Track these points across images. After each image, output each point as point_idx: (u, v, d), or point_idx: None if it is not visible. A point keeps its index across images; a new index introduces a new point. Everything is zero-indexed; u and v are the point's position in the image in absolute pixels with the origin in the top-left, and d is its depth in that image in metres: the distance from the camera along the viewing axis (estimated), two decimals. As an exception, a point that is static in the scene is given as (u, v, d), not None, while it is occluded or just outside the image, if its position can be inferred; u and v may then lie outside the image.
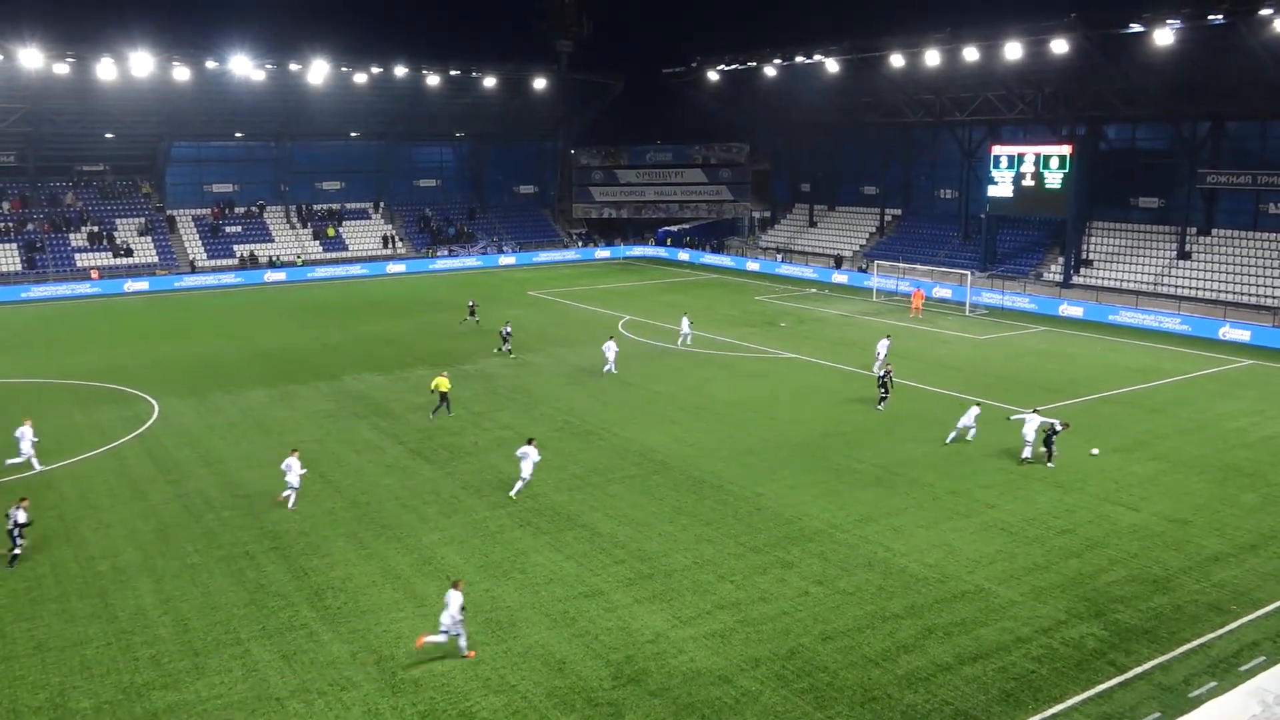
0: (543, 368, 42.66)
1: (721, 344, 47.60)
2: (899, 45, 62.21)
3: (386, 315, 56.89)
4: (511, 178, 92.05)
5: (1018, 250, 66.63)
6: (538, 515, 25.56)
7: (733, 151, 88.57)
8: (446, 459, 30.17)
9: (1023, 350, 47.20)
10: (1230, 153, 57.86)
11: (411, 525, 24.97)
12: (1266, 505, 26.23)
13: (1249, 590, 21.18)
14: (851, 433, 32.83)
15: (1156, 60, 52.94)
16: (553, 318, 55.74)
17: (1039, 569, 22.27)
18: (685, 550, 23.29)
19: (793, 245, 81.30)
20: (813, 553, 23.13)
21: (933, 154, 74.85)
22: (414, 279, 74.22)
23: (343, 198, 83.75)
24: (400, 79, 73.91)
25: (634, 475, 28.60)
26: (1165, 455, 30.39)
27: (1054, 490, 27.32)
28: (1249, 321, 50.00)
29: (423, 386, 39.00)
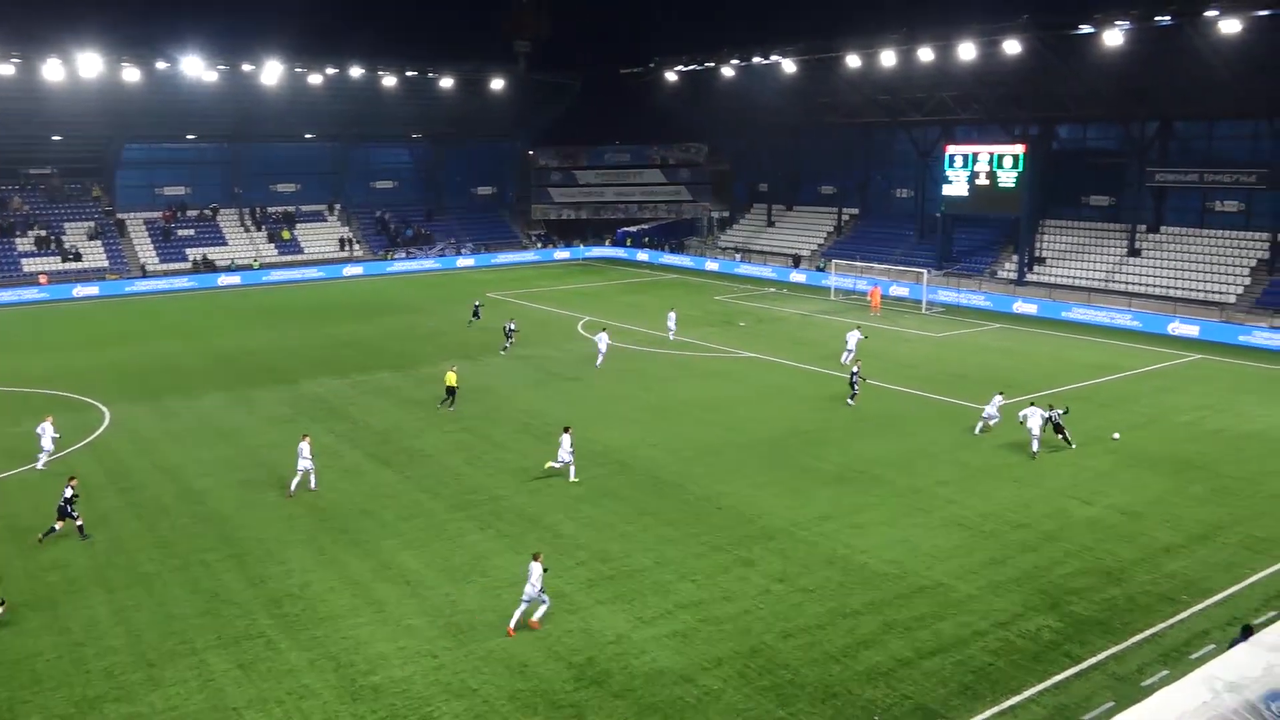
0: (504, 369, 42.48)
1: (682, 344, 47.69)
2: (855, 46, 62.76)
3: (344, 318, 56.35)
4: (470, 179, 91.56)
5: (973, 249, 67.46)
6: (498, 518, 25.46)
7: (691, 152, 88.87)
8: (405, 463, 29.95)
9: (979, 347, 47.80)
10: (1178, 152, 59.03)
11: (370, 530, 24.76)
12: (1216, 497, 26.78)
13: (1199, 580, 21.61)
14: (812, 431, 33.04)
15: (1106, 61, 53.86)
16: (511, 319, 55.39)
17: (996, 563, 22.57)
18: (647, 551, 23.32)
19: (751, 245, 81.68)
20: (774, 551, 23.25)
21: (889, 154, 75.56)
22: (371, 281, 73.59)
23: (298, 200, 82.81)
24: (356, 80, 73.25)
25: (595, 476, 28.56)
26: (1119, 450, 30.91)
27: (1011, 486, 27.70)
28: (1197, 317, 51.03)
29: (381, 390, 38.79)
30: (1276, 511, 25.65)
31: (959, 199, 64.38)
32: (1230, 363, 43.73)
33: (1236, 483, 27.86)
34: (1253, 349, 46.29)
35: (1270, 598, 20.75)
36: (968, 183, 63.38)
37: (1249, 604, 20.40)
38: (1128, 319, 52.46)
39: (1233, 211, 57.02)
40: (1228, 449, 31.01)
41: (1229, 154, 56.50)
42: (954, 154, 64.11)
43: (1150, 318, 51.86)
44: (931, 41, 58.20)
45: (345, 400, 37.46)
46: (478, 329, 51.07)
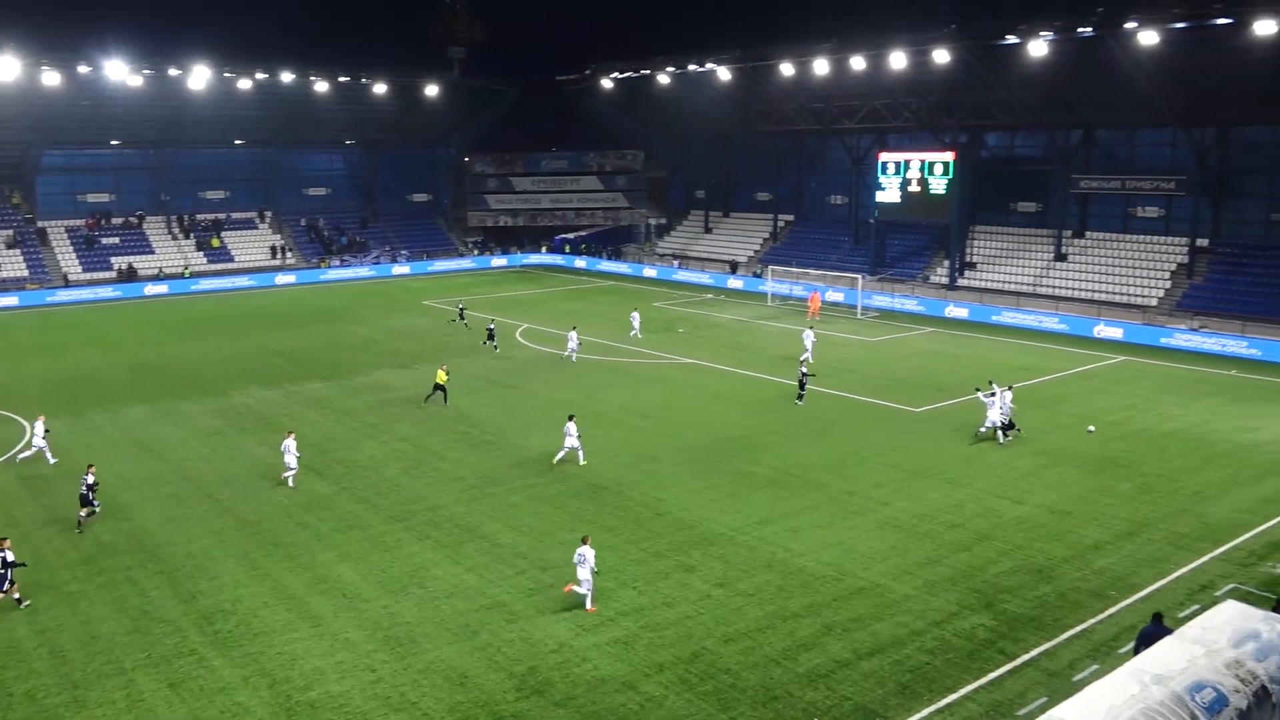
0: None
1: (619, 350, 47.71)
2: (788, 54, 63.49)
3: (276, 328, 55.37)
4: (405, 186, 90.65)
5: (906, 254, 68.62)
6: (436, 528, 25.18)
7: (628, 159, 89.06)
8: (341, 474, 29.50)
9: (912, 351, 48.59)
10: (1101, 159, 60.74)
11: (305, 543, 24.31)
12: (1141, 494, 27.55)
13: (1126, 576, 22.20)
14: (749, 436, 33.27)
15: (1032, 71, 55.24)
16: (448, 327, 55.04)
17: (931, 563, 22.93)
18: (587, 558, 23.23)
19: (689, 251, 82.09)
20: (714, 556, 23.34)
21: (823, 161, 76.56)
22: (305, 290, 72.44)
23: (228, 207, 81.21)
24: (287, 85, 72.08)
25: (534, 484, 28.42)
26: (1047, 450, 31.65)
27: (944, 487, 28.18)
28: (1121, 320, 52.50)
29: (315, 400, 38.24)
30: (1197, 508, 26.47)
31: (892, 205, 65.48)
32: (1153, 364, 45.06)
33: (1159, 480, 28.70)
34: (1174, 350, 47.77)
35: (1193, 591, 21.39)
36: (900, 189, 64.51)
37: (1173, 598, 21.00)
38: (1055, 322, 53.78)
39: (1153, 217, 58.84)
40: (1151, 448, 31.93)
41: (1149, 161, 58.28)
42: (886, 161, 65.21)
43: (1077, 321, 53.23)
44: (862, 51, 59.17)
45: (277, 411, 36.78)
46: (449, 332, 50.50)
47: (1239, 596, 20.18)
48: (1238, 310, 50.75)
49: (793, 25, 73.64)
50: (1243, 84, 50.22)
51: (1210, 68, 50.53)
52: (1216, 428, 34.30)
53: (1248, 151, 54.81)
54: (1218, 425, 34.61)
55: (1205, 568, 22.69)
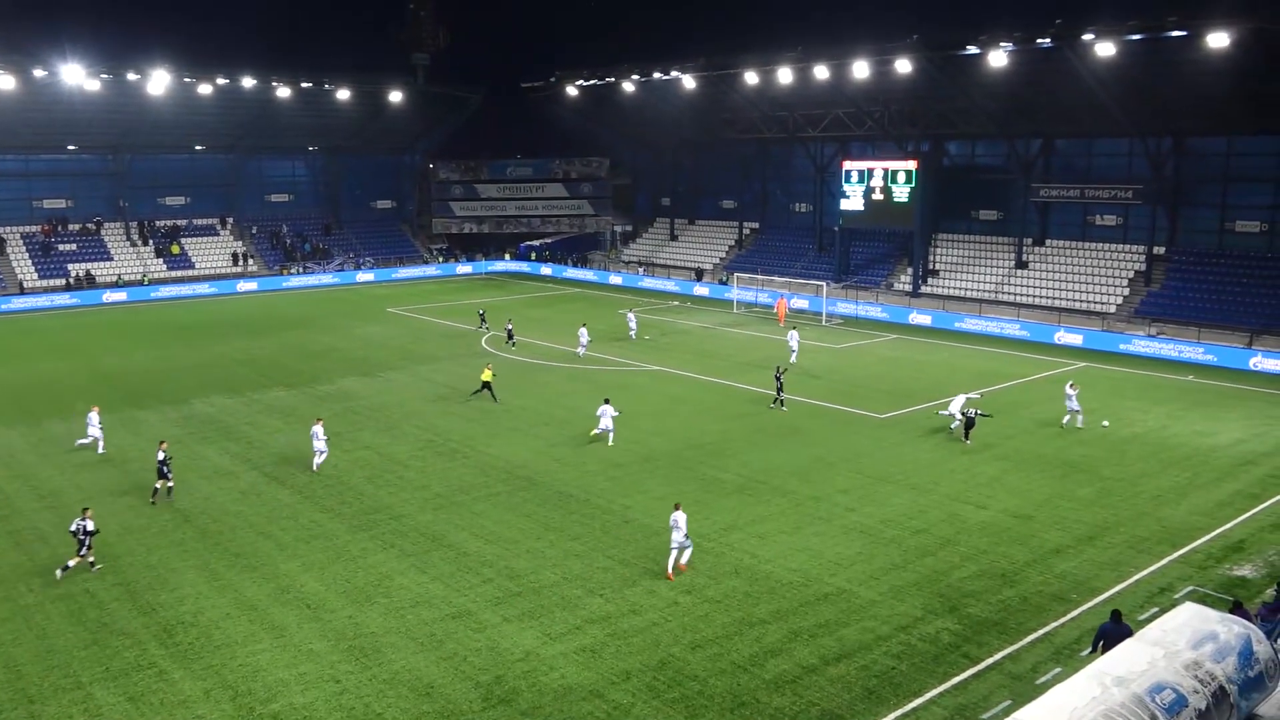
0: (404, 386, 41.81)
1: (585, 357, 47.66)
2: (753, 63, 63.85)
3: (238, 335, 54.76)
4: (368, 192, 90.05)
5: (870, 261, 69.19)
6: (401, 537, 25.00)
7: (593, 166, 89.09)
8: (304, 483, 29.19)
9: (877, 358, 48.98)
10: (1060, 168, 61.65)
11: (268, 553, 24.03)
12: (1101, 499, 27.94)
13: (1087, 580, 22.49)
14: (716, 443, 33.35)
15: (992, 81, 56.00)
16: (413, 334, 54.77)
17: (896, 568, 23.10)
18: (554, 566, 23.18)
19: (655, 259, 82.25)
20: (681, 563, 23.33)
21: (787, 169, 77.04)
22: (267, 297, 71.71)
23: (188, 213, 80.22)
24: (249, 90, 71.38)
25: (500, 492, 28.32)
26: (1009, 455, 32.02)
27: (908, 492, 28.41)
28: (1081, 326, 53.26)
29: (277, 408, 37.88)
30: (1156, 511, 26.89)
31: (855, 213, 66.01)
32: (1112, 370, 45.74)
33: (1119, 484, 29.12)
34: (1132, 356, 48.52)
35: (1153, 594, 21.71)
36: (863, 197, 65.06)
37: (1134, 600, 21.30)
38: (1016, 329, 54.44)
39: (1111, 225, 59.76)
40: (1111, 452, 32.39)
41: (1107, 171, 59.23)
42: (850, 169, 65.75)
43: (1037, 327, 53.91)
44: (826, 60, 59.61)
45: (239, 419, 36.36)
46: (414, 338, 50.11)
47: (1197, 599, 20.54)
48: (1193, 317, 51.69)
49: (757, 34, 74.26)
50: (1196, 95, 51.24)
51: (1165, 79, 51.50)
52: (1175, 432, 34.88)
53: (1201, 161, 55.84)
54: (1176, 430, 35.20)
55: (1164, 570, 23.05)
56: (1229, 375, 44.76)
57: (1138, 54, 49.44)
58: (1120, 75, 51.46)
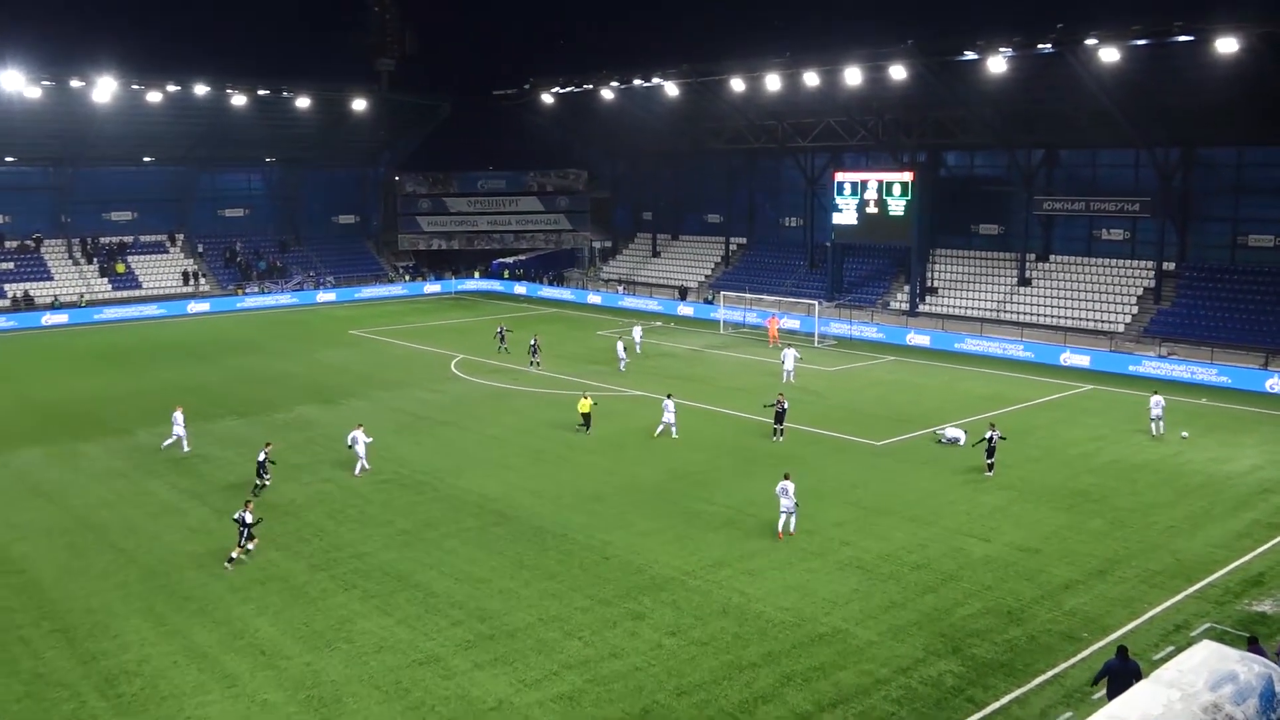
0: (367, 414, 41.52)
1: (562, 382, 47.59)
2: (739, 69, 64.27)
3: (188, 360, 54.40)
4: (330, 207, 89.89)
5: (864, 278, 69.54)
6: (364, 577, 24.77)
7: (570, 178, 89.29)
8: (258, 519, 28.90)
9: (872, 381, 49.12)
10: (1064, 180, 62.23)
11: (219, 595, 23.76)
12: (1112, 530, 28.02)
13: (1098, 617, 22.50)
14: (701, 473, 33.29)
15: (991, 88, 56.56)
16: (378, 359, 54.58)
17: (895, 606, 23.05)
18: (528, 607, 23.02)
19: (636, 276, 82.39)
20: (665, 602, 23.23)
21: (777, 181, 77.48)
22: (220, 319, 71.33)
23: (135, 229, 79.84)
24: (201, 98, 71.20)
25: (470, 528, 28.15)
26: (1014, 484, 32.10)
27: (908, 525, 28.41)
28: (1088, 347, 53.63)
29: (230, 439, 37.58)
30: (1170, 544, 26.98)
31: (849, 228, 66.35)
32: (1121, 393, 45.98)
33: (1131, 515, 29.22)
34: (1142, 378, 48.81)
35: (1168, 632, 21.74)
36: (857, 211, 65.41)
37: (1148, 639, 21.32)
38: (1020, 350, 54.75)
39: (1119, 240, 60.31)
40: (1121, 480, 32.53)
41: (1113, 182, 59.82)
42: (843, 181, 66.13)
43: (1042, 348, 54.24)
44: (816, 66, 60.06)
45: (189, 451, 36.02)
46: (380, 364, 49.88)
47: (1215, 636, 20.55)
48: (1206, 336, 52.14)
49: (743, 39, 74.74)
50: (1205, 103, 51.86)
51: (1173, 86, 52.16)
52: (1189, 459, 35.08)
53: (1212, 172, 56.51)
54: (1190, 456, 35.40)
55: (1180, 606, 23.10)
56: (1244, 398, 45.11)
57: (1143, 60, 50.06)
58: (1125, 82, 52.09)
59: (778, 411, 37.27)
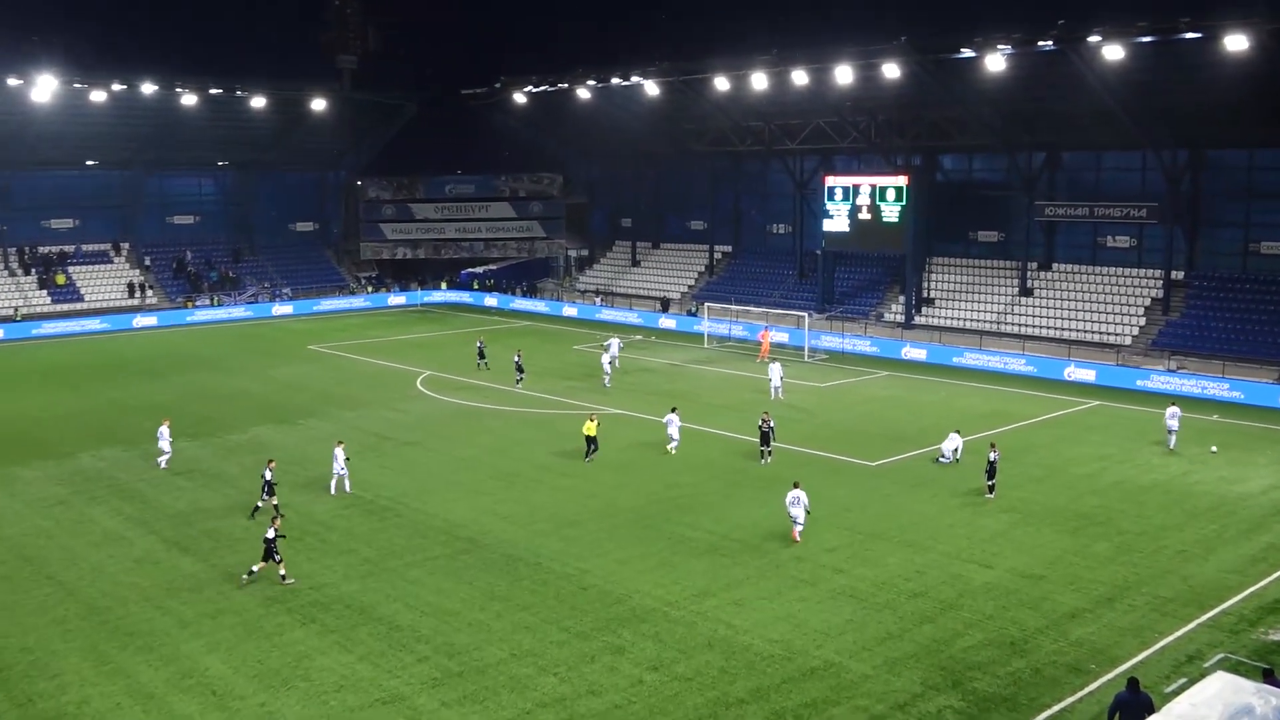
0: (327, 434, 41.33)
1: (536, 400, 47.51)
2: (723, 67, 64.57)
3: (134, 378, 54.10)
4: (287, 213, 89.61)
5: (857, 289, 69.85)
6: (323, 610, 24.61)
7: (544, 183, 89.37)
8: (210, 549, 28.72)
9: (866, 397, 49.29)
10: (1066, 184, 62.77)
11: (166, 631, 23.55)
12: (1119, 555, 28.16)
13: (1107, 648, 22.59)
14: (684, 497, 33.28)
15: (990, 87, 57.03)
16: (338, 375, 54.38)
17: (892, 638, 23.07)
18: (500, 641, 22.92)
19: (614, 287, 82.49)
20: (646, 635, 23.18)
21: (764, 186, 77.82)
22: (168, 334, 70.93)
23: (77, 238, 79.32)
24: (149, 98, 70.92)
25: (438, 556, 28.03)
26: (1016, 506, 32.23)
27: (903, 550, 28.47)
28: (1093, 360, 54.00)
29: (180, 462, 37.24)
30: (1181, 569, 27.14)
31: (840, 235, 66.67)
32: (1128, 409, 46.31)
33: (1139, 539, 29.39)
34: (1150, 394, 49.16)
35: (1180, 663, 21.84)
36: (849, 217, 65.73)
37: (1159, 670, 21.41)
38: (1022, 363, 55.08)
39: (1125, 247, 60.87)
40: (1128, 502, 32.72)
41: (1119, 186, 60.34)
42: (834, 186, 66.46)
43: (1045, 362, 54.59)
44: (804, 64, 60.38)
45: (134, 476, 35.80)
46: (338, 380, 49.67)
47: (1229, 667, 20.66)
48: (1217, 349, 52.61)
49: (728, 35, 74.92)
50: (1214, 103, 52.50)
51: (1180, 86, 52.78)
52: (1199, 479, 35.33)
53: (1222, 176, 57.13)
54: (1200, 476, 35.65)
55: (1192, 635, 23.22)
56: (1258, 414, 45.51)
57: (1149, 58, 50.59)
58: (1130, 81, 52.63)
59: (763, 432, 37.24)
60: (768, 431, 37.10)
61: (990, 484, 32.94)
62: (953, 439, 36.99)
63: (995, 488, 32.97)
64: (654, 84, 69.23)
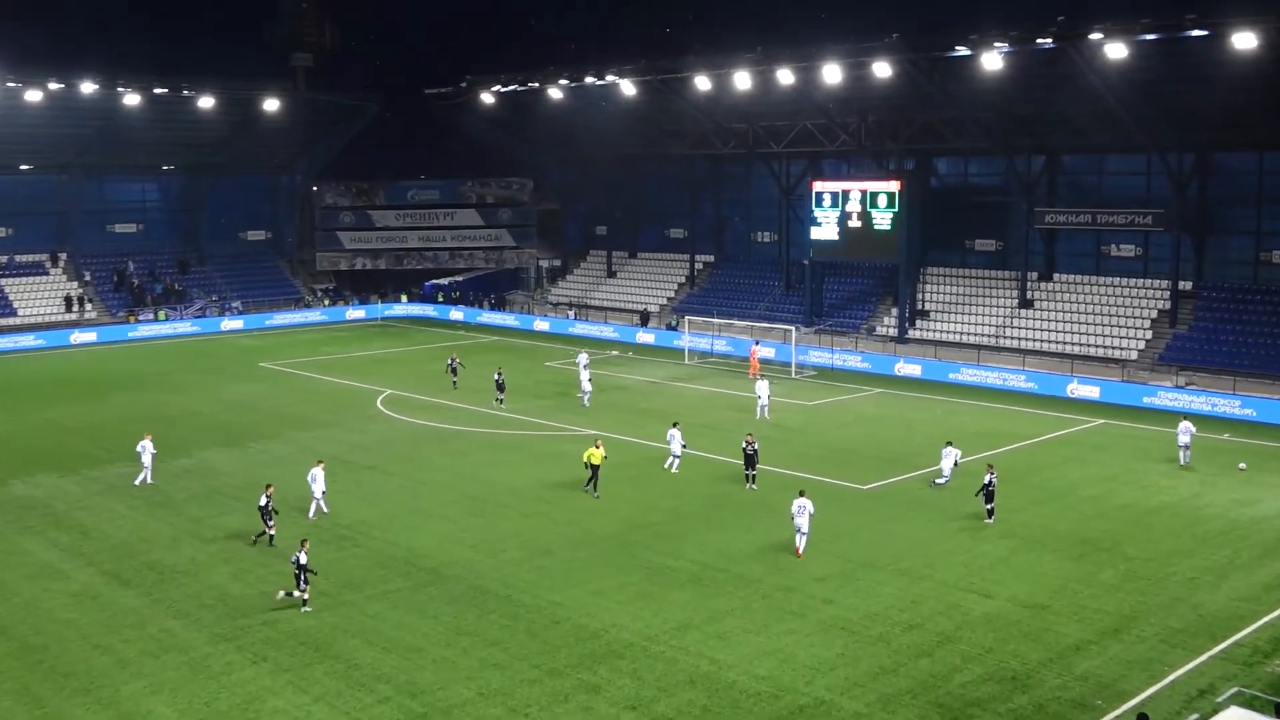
0: (280, 458, 41.23)
1: (505, 420, 47.42)
2: (704, 66, 64.84)
3: (71, 398, 53.77)
4: (237, 221, 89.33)
5: (847, 301, 70.17)
6: (275, 647, 24.45)
7: (514, 188, 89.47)
8: (154, 581, 28.52)
9: (857, 416, 49.45)
10: (1067, 189, 63.28)
11: (106, 671, 23.34)
12: (1126, 583, 28.30)
13: (1113, 682, 22.67)
14: (664, 523, 33.26)
15: (986, 87, 57.50)
16: (293, 395, 54.19)
17: (886, 673, 23.09)
18: (467, 680, 22.83)
19: (588, 299, 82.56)
20: (624, 671, 23.13)
21: (748, 191, 78.12)
22: (109, 351, 70.54)
23: (10, 247, 78.84)
24: (89, 97, 70.61)
25: (400, 589, 27.93)
26: (1017, 531, 32.36)
27: (898, 579, 28.53)
28: (1097, 376, 54.36)
29: (121, 489, 37.09)
30: (1191, 598, 27.29)
31: (829, 244, 66.96)
32: (1134, 427, 46.65)
33: (1147, 565, 29.55)
34: (1157, 411, 49.54)
35: (1192, 697, 21.94)
36: (838, 225, 66.02)
37: (1169, 705, 21.50)
38: (1022, 380, 55.39)
39: (1129, 256, 61.37)
40: (1136, 526, 32.92)
41: (1122, 192, 60.87)
42: (822, 191, 66.79)
43: (1046, 378, 54.92)
44: (790, 62, 60.70)
45: (72, 503, 35.53)
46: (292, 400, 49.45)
47: (1243, 702, 20.78)
48: (1228, 364, 53.06)
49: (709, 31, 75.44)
50: (1222, 104, 53.13)
51: (1186, 86, 53.37)
52: (1210, 501, 35.58)
53: (1231, 181, 57.74)
54: (1211, 498, 35.91)
55: (1204, 668, 23.33)
56: (1272, 432, 45.90)
57: (1153, 56, 51.16)
58: (1134, 81, 53.19)
59: (748, 454, 37.20)
60: (752, 454, 37.09)
61: (989, 508, 33.04)
62: (949, 454, 37.12)
63: (994, 512, 33.07)
64: (631, 83, 69.44)
